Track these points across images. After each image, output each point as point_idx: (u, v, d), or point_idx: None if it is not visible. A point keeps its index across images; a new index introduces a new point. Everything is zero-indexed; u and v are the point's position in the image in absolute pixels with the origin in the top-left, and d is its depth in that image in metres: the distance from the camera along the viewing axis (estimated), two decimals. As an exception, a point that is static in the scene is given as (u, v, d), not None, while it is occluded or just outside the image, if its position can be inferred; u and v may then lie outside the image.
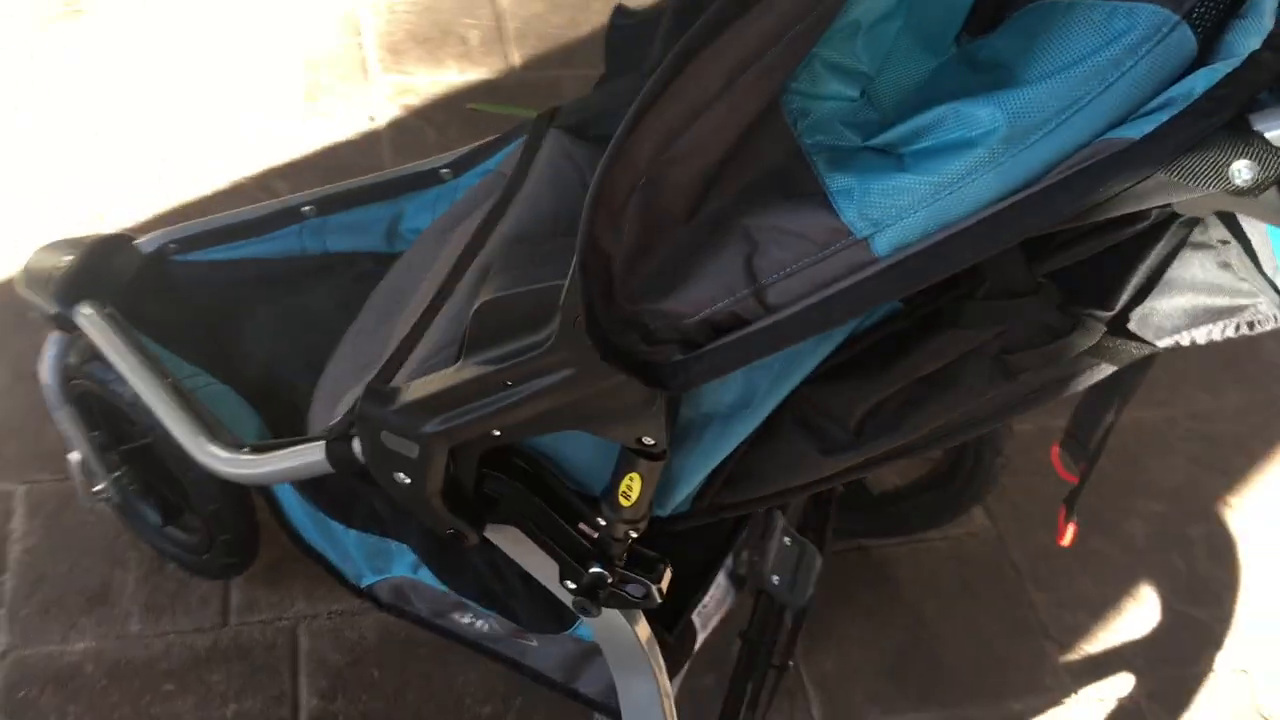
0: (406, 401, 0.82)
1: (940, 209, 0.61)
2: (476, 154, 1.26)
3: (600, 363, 0.72)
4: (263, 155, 1.99)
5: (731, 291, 0.66)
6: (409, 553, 1.15)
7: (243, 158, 1.98)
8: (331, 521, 1.17)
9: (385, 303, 1.18)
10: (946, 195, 0.61)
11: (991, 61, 0.65)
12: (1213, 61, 0.57)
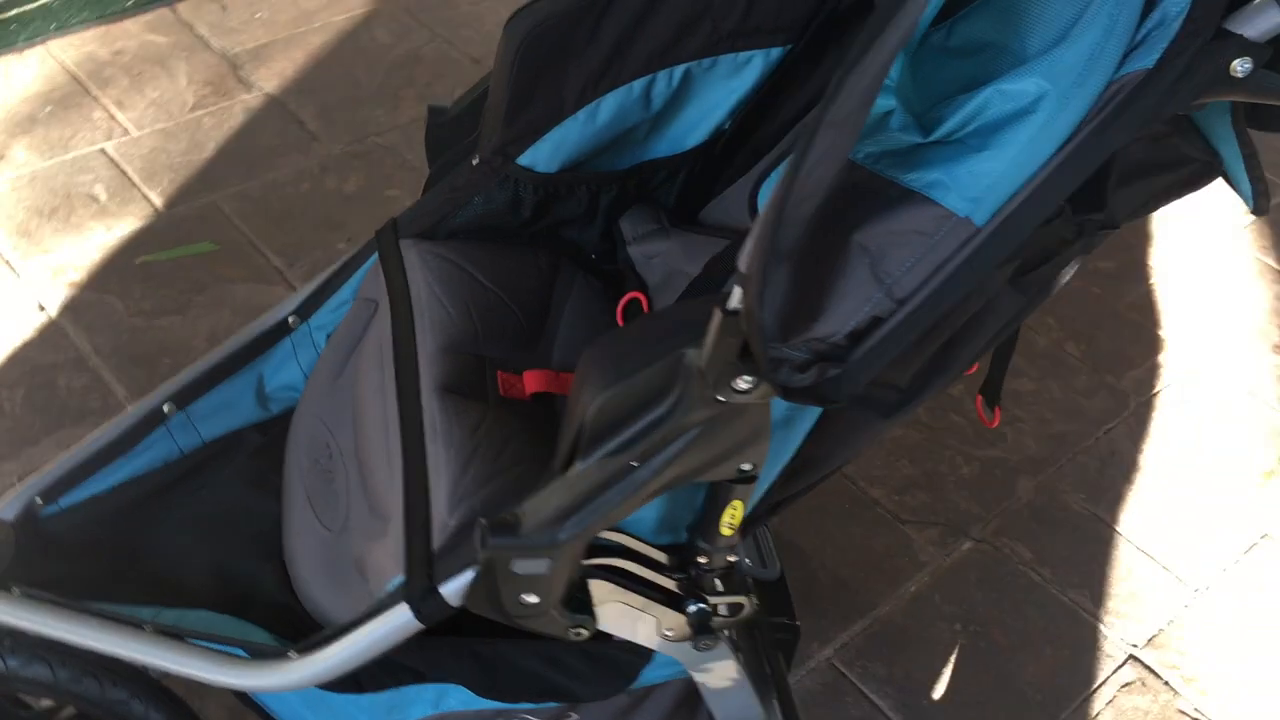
0: (538, 520, 0.84)
1: (1019, 172, 0.73)
2: (320, 292, 1.24)
3: (734, 406, 0.79)
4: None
5: (868, 299, 0.75)
6: (427, 690, 1.14)
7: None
8: (336, 696, 1.13)
9: (313, 463, 1.15)
10: (1021, 160, 0.73)
11: (974, 44, 0.78)
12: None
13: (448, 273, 1.15)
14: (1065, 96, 0.73)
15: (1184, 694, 1.58)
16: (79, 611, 1.03)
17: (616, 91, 1.11)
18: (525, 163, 1.15)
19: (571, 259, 1.23)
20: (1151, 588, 1.69)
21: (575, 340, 1.16)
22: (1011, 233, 0.74)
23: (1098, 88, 0.73)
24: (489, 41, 2.54)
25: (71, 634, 1.02)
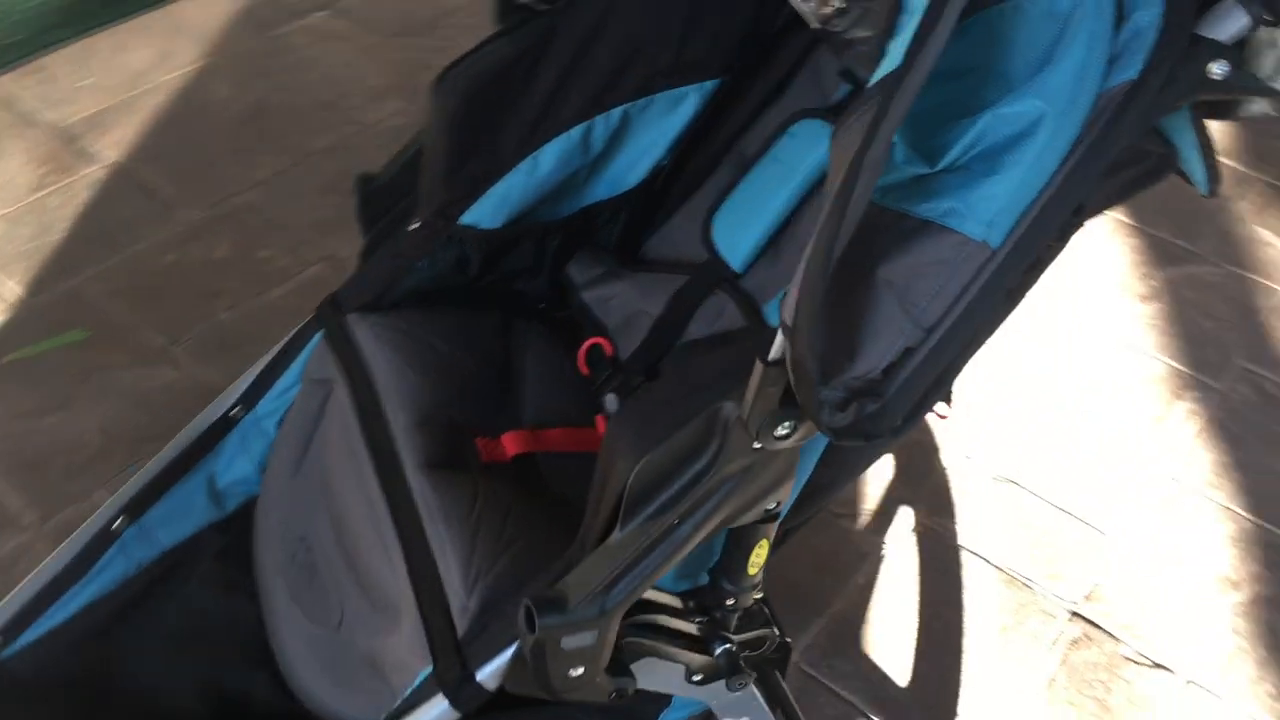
0: (586, 594, 0.83)
1: (1027, 192, 0.76)
2: (263, 379, 1.20)
3: (769, 452, 0.79)
4: None
5: (901, 332, 0.77)
6: None
7: None
8: None
9: (289, 559, 1.11)
10: (1029, 180, 0.76)
11: (958, 70, 0.80)
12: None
13: (405, 343, 1.12)
14: (1062, 115, 0.75)
15: (1126, 641, 1.66)
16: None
17: (556, 140, 1.10)
18: (469, 221, 1.13)
19: (522, 311, 1.21)
20: (1078, 544, 1.76)
21: (544, 394, 1.14)
22: (1026, 250, 0.77)
23: (1089, 103, 0.76)
24: (337, 85, 2.49)
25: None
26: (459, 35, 2.57)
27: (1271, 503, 1.83)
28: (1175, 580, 1.73)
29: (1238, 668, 1.64)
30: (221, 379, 1.82)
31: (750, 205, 1.13)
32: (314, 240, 2.16)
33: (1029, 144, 0.76)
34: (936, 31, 0.66)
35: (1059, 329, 2.09)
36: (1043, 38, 0.77)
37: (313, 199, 2.25)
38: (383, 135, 2.40)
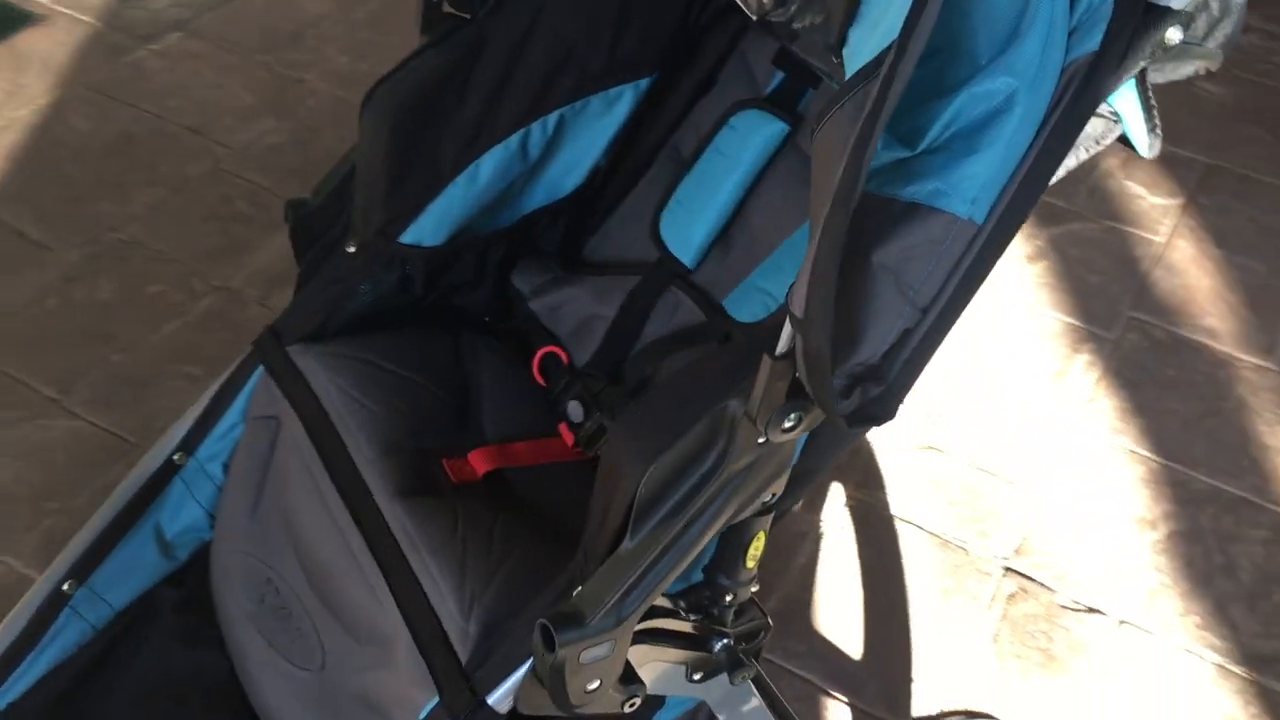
0: (602, 606, 0.82)
1: (1006, 167, 0.78)
2: (203, 422, 1.15)
3: (773, 445, 0.80)
4: None
5: (900, 315, 0.77)
6: None
7: None
8: None
9: (258, 603, 1.07)
10: (1007, 155, 0.77)
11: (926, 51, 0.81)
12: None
13: (356, 370, 1.09)
14: (1032, 89, 0.77)
15: (1059, 590, 1.72)
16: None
17: (494, 149, 1.08)
18: (410, 240, 1.11)
19: (466, 326, 1.19)
20: (1001, 502, 1.82)
21: (503, 408, 1.13)
22: (1009, 224, 0.78)
23: (1055, 76, 0.78)
24: (203, 108, 2.41)
25: None
26: (325, 46, 2.52)
27: (1174, 442, 1.92)
28: (1095, 526, 1.79)
29: (1163, 603, 1.71)
30: (123, 426, 1.76)
31: (697, 200, 1.13)
32: (204, 271, 2.09)
33: (1004, 120, 0.78)
34: (927, 12, 0.66)
35: (959, 295, 2.14)
36: (1006, 16, 0.78)
37: (196, 227, 2.17)
38: (260, 156, 2.33)
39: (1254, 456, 1.92)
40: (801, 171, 1.12)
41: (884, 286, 0.77)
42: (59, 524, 1.70)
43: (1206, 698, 1.61)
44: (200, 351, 1.96)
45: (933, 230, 0.76)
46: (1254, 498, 1.86)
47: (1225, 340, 2.11)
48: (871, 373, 0.78)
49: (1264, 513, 1.84)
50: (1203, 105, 2.63)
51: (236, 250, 2.14)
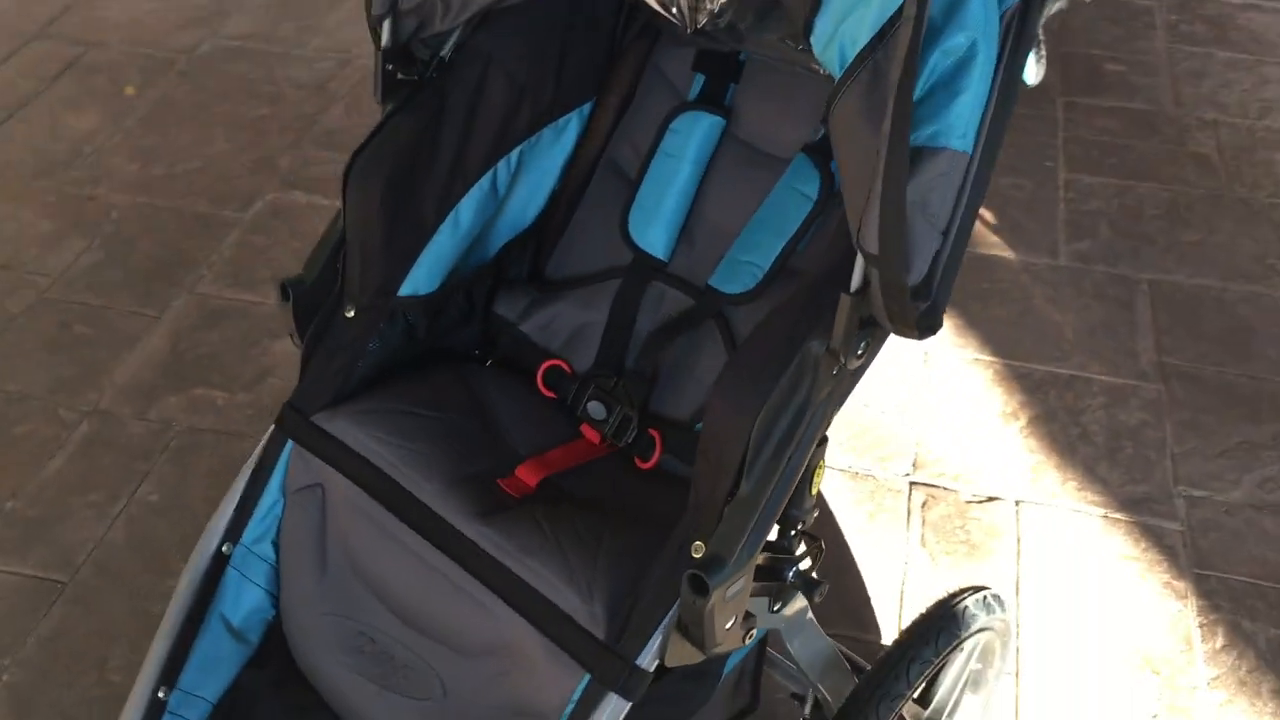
0: (735, 546, 0.94)
1: (980, 102, 0.95)
2: (240, 510, 1.20)
3: (842, 375, 0.95)
4: None
5: (933, 241, 0.94)
6: None
7: None
8: None
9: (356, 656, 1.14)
10: (980, 92, 0.95)
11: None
12: None
13: (387, 420, 1.16)
14: (986, 37, 0.95)
15: (960, 488, 1.94)
16: None
17: (470, 193, 1.18)
18: (408, 292, 1.19)
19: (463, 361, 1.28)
20: (888, 430, 2.03)
21: (525, 425, 1.22)
22: (991, 151, 0.96)
23: (997, 23, 0.96)
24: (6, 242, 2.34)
25: None
26: (108, 159, 2.50)
27: (1006, 343, 2.19)
28: (970, 428, 2.03)
29: (1045, 477, 1.97)
30: (46, 568, 1.73)
31: (658, 199, 1.26)
32: (67, 401, 2.05)
33: (972, 66, 0.95)
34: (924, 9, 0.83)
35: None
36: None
37: (42, 360, 2.12)
38: (83, 277, 2.29)
39: (1070, 339, 2.22)
40: (742, 156, 1.27)
41: (916, 219, 0.93)
42: (16, 677, 1.66)
43: (1103, 545, 1.87)
44: (94, 479, 1.93)
45: (940, 165, 0.93)
46: (1082, 373, 2.15)
47: (1019, 249, 2.41)
48: (918, 292, 0.94)
49: (1094, 383, 2.13)
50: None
51: (94, 373, 2.11)
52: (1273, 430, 2.05)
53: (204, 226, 2.40)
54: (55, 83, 2.80)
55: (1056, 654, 1.71)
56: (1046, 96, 2.82)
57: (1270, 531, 1.89)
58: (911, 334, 0.92)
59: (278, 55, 2.91)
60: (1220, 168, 2.63)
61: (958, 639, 1.27)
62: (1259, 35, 3.08)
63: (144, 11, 3.05)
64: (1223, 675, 1.70)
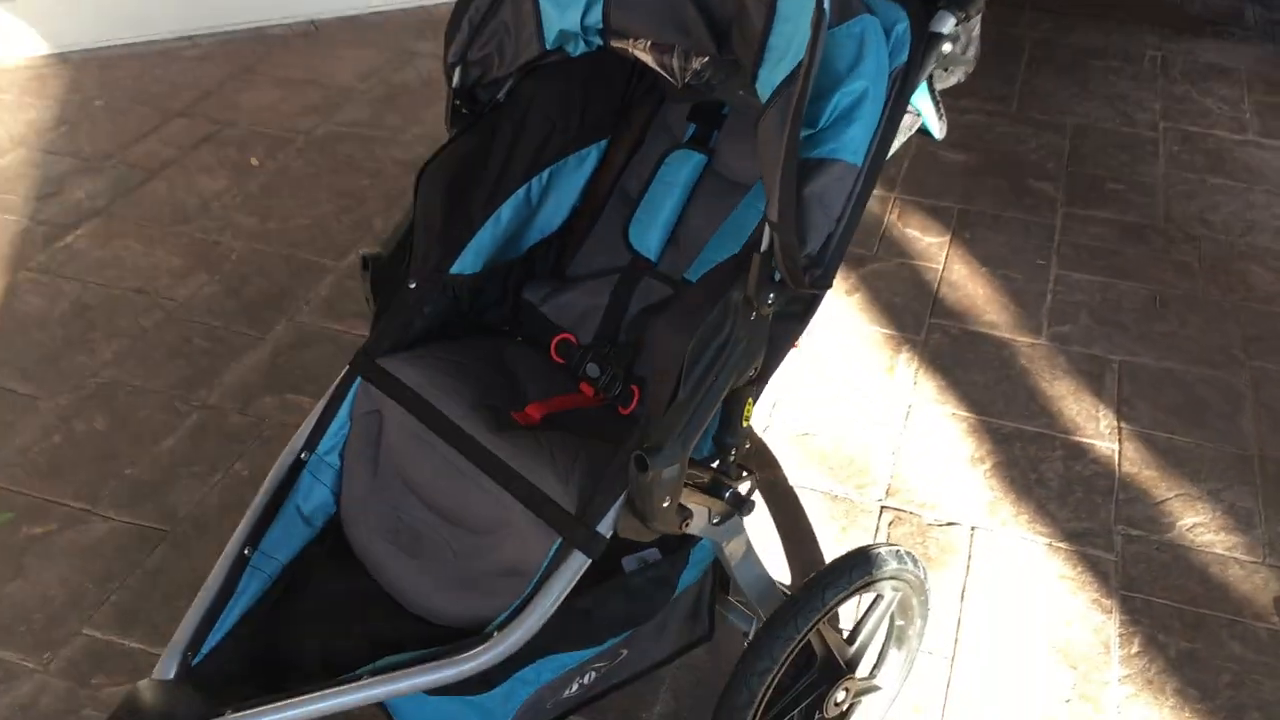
0: (671, 438, 1.29)
1: (869, 130, 1.31)
2: (319, 426, 1.57)
3: (759, 320, 1.31)
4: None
5: (826, 225, 1.29)
6: (528, 672, 1.51)
7: None
8: (460, 700, 1.46)
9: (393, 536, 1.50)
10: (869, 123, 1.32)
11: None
12: None
13: (434, 365, 1.55)
14: (876, 84, 1.32)
15: (923, 514, 2.26)
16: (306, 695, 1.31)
17: (510, 199, 1.58)
18: (456, 270, 1.58)
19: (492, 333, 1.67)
20: (868, 463, 2.36)
21: (537, 379, 1.60)
22: (876, 165, 1.32)
23: (886, 76, 1.33)
24: (142, 273, 2.80)
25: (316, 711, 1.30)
26: (231, 213, 2.96)
27: (981, 402, 2.52)
28: (939, 467, 2.35)
29: (1000, 510, 2.27)
30: (153, 519, 2.12)
31: (653, 215, 1.65)
32: (182, 395, 2.46)
33: (864, 105, 1.32)
34: (820, 44, 1.21)
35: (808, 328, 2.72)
36: (852, 47, 1.33)
37: (164, 364, 2.55)
38: (203, 304, 2.73)
39: (1039, 404, 2.54)
40: (718, 184, 1.66)
41: (814, 208, 1.30)
42: (122, 598, 2.04)
43: (1044, 566, 2.16)
44: (197, 455, 2.33)
45: (836, 172, 1.30)
46: (1046, 431, 2.47)
47: (1003, 329, 2.75)
48: (814, 261, 1.31)
49: (1056, 439, 2.44)
50: (952, 168, 3.35)
51: (206, 376, 2.53)
52: (1210, 487, 2.34)
53: (306, 270, 2.84)
54: (193, 151, 3.30)
55: (988, 646, 2.00)
56: (1049, 207, 3.19)
57: (1194, 566, 2.17)
58: (802, 286, 1.28)
59: (381, 139, 3.38)
60: (1199, 273, 2.96)
61: (869, 575, 1.59)
62: (1252, 167, 3.42)
63: (273, 99, 3.56)
64: (1133, 675, 1.98)
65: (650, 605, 1.53)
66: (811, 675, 1.63)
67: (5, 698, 1.86)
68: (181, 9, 3.81)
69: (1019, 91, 3.76)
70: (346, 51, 3.83)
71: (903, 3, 1.34)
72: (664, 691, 1.90)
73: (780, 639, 1.51)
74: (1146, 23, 4.23)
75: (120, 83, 3.62)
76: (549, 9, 1.46)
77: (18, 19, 3.65)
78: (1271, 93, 3.80)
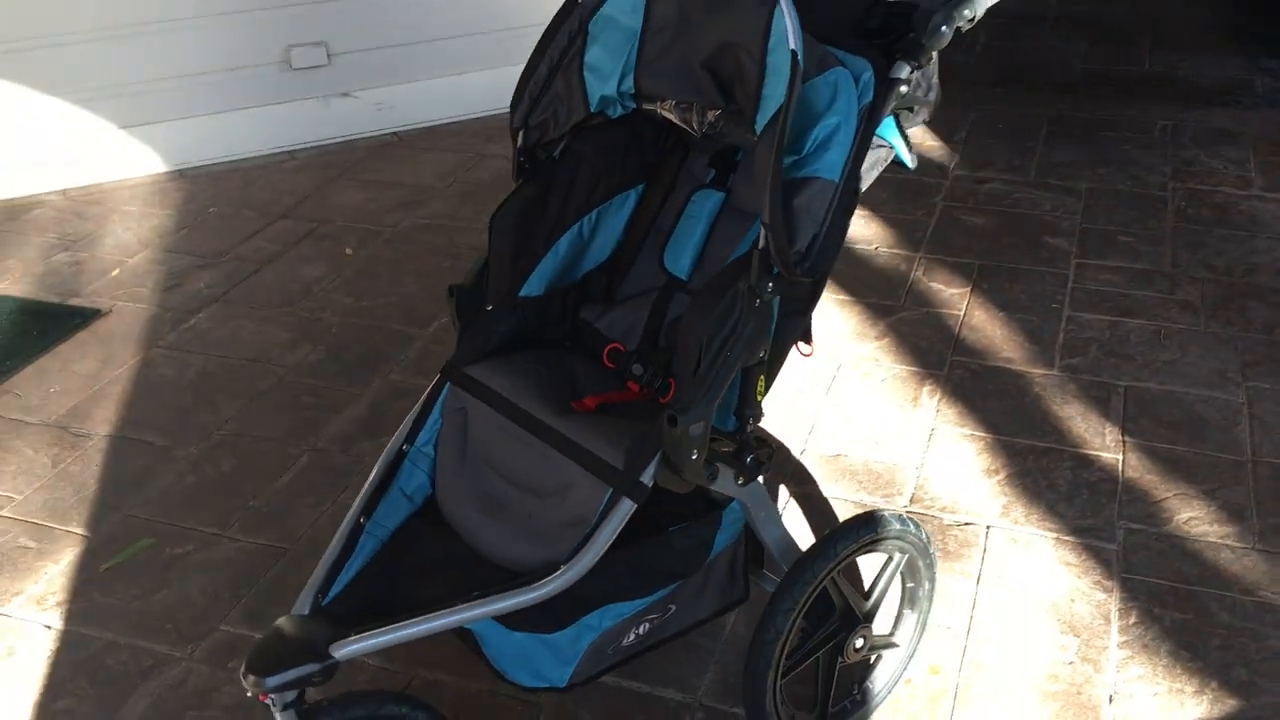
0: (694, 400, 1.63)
1: (844, 154, 1.67)
2: (417, 423, 1.93)
3: (764, 305, 1.66)
4: None
5: (812, 227, 1.65)
6: (591, 618, 1.83)
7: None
8: (537, 638, 1.78)
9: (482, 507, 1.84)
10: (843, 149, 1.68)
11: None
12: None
13: (510, 369, 1.91)
14: (848, 119, 1.68)
15: (943, 516, 2.55)
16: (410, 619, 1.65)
17: (566, 234, 1.95)
18: (524, 294, 1.96)
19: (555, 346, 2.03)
20: (894, 478, 2.67)
21: (592, 380, 1.95)
22: (851, 183, 1.68)
23: (855, 112, 1.69)
24: (255, 346, 3.21)
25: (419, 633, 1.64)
26: (330, 294, 3.39)
27: (998, 425, 2.81)
28: (959, 478, 2.65)
29: (1013, 511, 2.56)
30: (274, 539, 2.49)
31: (683, 242, 2.01)
32: (295, 441, 2.85)
33: (839, 134, 1.68)
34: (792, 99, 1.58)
35: (839, 369, 3.06)
36: (828, 91, 1.70)
37: (277, 418, 2.94)
38: (309, 369, 3.13)
39: (1051, 424, 2.83)
40: (734, 217, 2.02)
41: (802, 215, 1.65)
42: (250, 604, 2.40)
43: (1051, 555, 2.44)
44: (310, 489, 2.71)
45: (818, 187, 1.66)
46: (1056, 446, 2.75)
47: (1019, 363, 3.06)
48: (804, 256, 1.66)
49: (1065, 453, 2.73)
50: (973, 230, 3.69)
51: (313, 426, 2.92)
52: (1205, 488, 2.61)
53: (397, 337, 3.25)
54: (295, 246, 3.76)
55: (999, 621, 2.27)
56: (1063, 259, 3.51)
57: (1189, 552, 2.44)
58: (794, 275, 1.63)
59: (459, 228, 3.82)
60: (1201, 310, 3.25)
61: (875, 534, 1.90)
62: (1256, 218, 3.72)
63: (364, 199, 4.03)
64: (1130, 641, 2.24)
65: (692, 559, 1.85)
66: (833, 623, 1.93)
67: (159, 680, 2.22)
68: (279, 129, 4.32)
69: (1036, 162, 4.10)
70: (426, 156, 4.30)
71: (868, 56, 1.70)
72: (712, 663, 2.20)
73: (800, 583, 1.82)
74: (1159, 98, 4.58)
75: (229, 193, 4.10)
76: (592, 79, 1.85)
77: (142, 143, 4.17)
78: (1276, 152, 4.10)
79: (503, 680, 1.75)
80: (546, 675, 1.77)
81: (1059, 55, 5.06)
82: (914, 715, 2.09)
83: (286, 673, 1.55)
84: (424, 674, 2.18)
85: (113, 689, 2.19)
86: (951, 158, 4.14)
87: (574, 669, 1.78)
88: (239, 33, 4.13)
